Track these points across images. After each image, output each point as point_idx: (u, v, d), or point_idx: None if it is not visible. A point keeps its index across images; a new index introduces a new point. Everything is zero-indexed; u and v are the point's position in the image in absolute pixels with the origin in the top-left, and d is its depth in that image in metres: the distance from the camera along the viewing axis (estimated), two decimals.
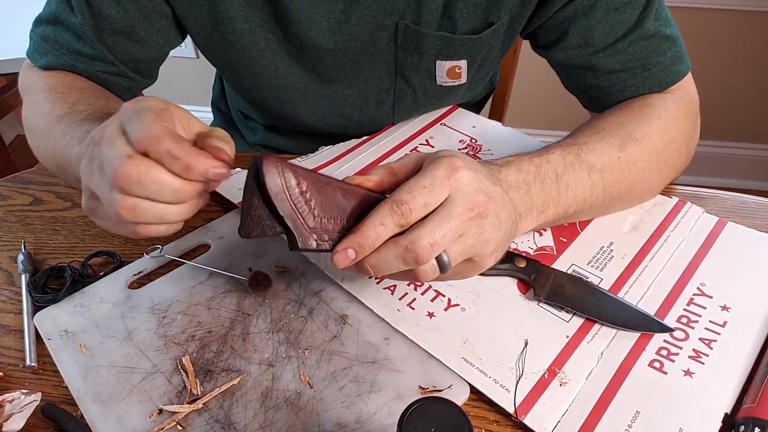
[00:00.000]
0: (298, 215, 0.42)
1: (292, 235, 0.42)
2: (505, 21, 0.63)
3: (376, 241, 0.41)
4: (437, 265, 0.42)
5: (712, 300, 0.52)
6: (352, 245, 0.41)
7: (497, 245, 0.45)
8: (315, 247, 0.42)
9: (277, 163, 0.41)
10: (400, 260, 0.41)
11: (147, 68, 0.68)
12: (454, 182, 0.42)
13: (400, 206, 0.41)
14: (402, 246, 0.41)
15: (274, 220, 0.42)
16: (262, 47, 0.65)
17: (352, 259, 0.42)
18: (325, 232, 0.43)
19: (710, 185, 0.89)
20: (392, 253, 0.41)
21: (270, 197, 0.41)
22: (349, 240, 0.42)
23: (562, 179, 0.52)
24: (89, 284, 0.56)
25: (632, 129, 0.57)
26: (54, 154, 0.58)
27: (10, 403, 0.45)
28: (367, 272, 0.43)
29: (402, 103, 0.73)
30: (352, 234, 0.42)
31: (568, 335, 0.49)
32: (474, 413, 0.46)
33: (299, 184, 0.42)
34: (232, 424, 0.45)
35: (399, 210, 0.41)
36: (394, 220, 0.41)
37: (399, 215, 0.41)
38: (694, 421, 0.43)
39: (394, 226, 0.41)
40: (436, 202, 0.41)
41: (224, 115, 0.98)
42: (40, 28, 0.64)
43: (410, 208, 0.41)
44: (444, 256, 0.42)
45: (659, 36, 0.60)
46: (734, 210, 0.62)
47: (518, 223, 0.49)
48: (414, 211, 0.41)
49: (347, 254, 0.42)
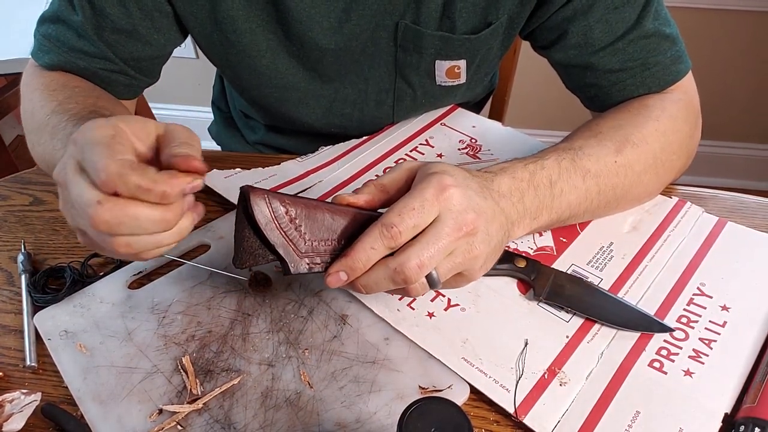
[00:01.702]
0: (289, 242, 0.43)
1: (284, 261, 0.43)
2: (503, 21, 0.63)
3: (366, 263, 0.43)
4: (427, 283, 0.43)
5: (712, 300, 0.52)
6: (343, 268, 0.43)
7: (486, 259, 0.46)
8: (307, 271, 0.44)
9: (263, 194, 0.42)
10: (389, 281, 0.43)
11: (148, 67, 0.68)
12: (443, 202, 0.43)
13: (389, 230, 0.42)
14: (391, 268, 0.42)
15: (266, 249, 0.44)
16: (263, 47, 0.65)
17: (344, 281, 0.43)
18: (317, 255, 0.44)
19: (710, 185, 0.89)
20: (382, 274, 0.43)
21: (260, 228, 0.42)
22: (341, 263, 0.43)
23: (556, 185, 0.52)
24: (89, 284, 0.56)
25: (629, 132, 0.57)
26: (45, 155, 0.58)
27: (10, 403, 0.45)
28: (359, 291, 0.44)
29: (402, 103, 0.73)
30: (344, 257, 0.43)
31: (568, 335, 0.49)
32: (474, 413, 0.46)
33: (288, 212, 0.43)
34: (232, 424, 0.45)
35: (389, 233, 0.42)
36: (384, 243, 0.42)
37: (389, 238, 0.42)
38: (694, 421, 0.43)
39: (384, 249, 0.42)
40: (425, 222, 0.43)
41: (224, 114, 0.98)
42: (43, 26, 0.64)
43: (399, 231, 0.42)
44: (434, 273, 0.43)
45: (659, 35, 0.60)
46: (734, 210, 0.62)
47: (510, 231, 0.50)
48: (403, 234, 0.42)
49: (339, 277, 0.43)
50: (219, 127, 0.99)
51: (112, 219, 0.37)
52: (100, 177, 0.37)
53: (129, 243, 0.40)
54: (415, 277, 0.42)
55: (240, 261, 0.44)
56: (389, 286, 0.43)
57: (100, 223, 0.38)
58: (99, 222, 0.37)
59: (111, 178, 0.36)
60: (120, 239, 0.39)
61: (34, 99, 0.61)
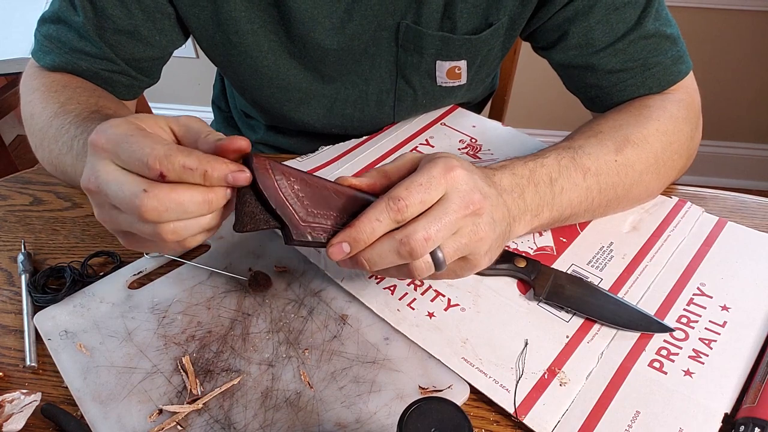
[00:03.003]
0: (291, 209, 0.42)
1: (286, 228, 0.42)
2: (504, 22, 0.63)
3: (371, 235, 0.42)
4: (432, 262, 0.42)
5: (712, 300, 0.52)
6: (347, 239, 0.42)
7: (491, 245, 0.45)
8: (310, 239, 0.42)
9: (266, 162, 0.41)
10: (394, 254, 0.41)
11: (149, 67, 0.68)
12: (450, 180, 0.42)
13: (396, 202, 0.41)
14: (397, 240, 0.41)
15: (268, 215, 0.42)
16: (265, 48, 0.65)
17: (347, 253, 0.42)
18: (319, 226, 0.43)
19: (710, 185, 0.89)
20: (387, 246, 0.42)
21: (263, 193, 0.41)
22: (344, 234, 0.42)
23: (556, 183, 0.52)
24: (89, 284, 0.56)
25: (630, 132, 0.57)
26: (50, 158, 0.58)
27: (10, 403, 0.45)
28: (362, 266, 0.43)
29: (402, 104, 0.73)
30: (348, 228, 0.42)
31: (568, 335, 0.49)
32: (474, 413, 0.46)
33: (290, 181, 0.42)
34: (232, 424, 0.45)
35: (395, 206, 0.41)
36: (390, 215, 0.41)
37: (395, 211, 0.41)
38: (694, 421, 0.43)
39: (390, 222, 0.41)
40: (432, 199, 0.42)
41: (224, 114, 0.98)
42: (44, 27, 0.64)
43: (406, 204, 0.41)
44: (439, 253, 0.42)
45: (659, 35, 0.60)
46: (734, 210, 0.62)
47: (512, 226, 0.49)
48: (410, 208, 0.41)
49: (342, 248, 0.42)
50: (219, 126, 0.99)
51: (160, 205, 0.37)
52: (148, 160, 0.37)
53: (175, 229, 0.39)
54: (421, 250, 0.41)
55: (241, 225, 0.42)
56: (394, 260, 0.42)
57: (148, 211, 0.37)
58: (147, 210, 0.37)
59: (159, 159, 0.37)
60: (167, 226, 0.39)
61: (34, 100, 0.61)
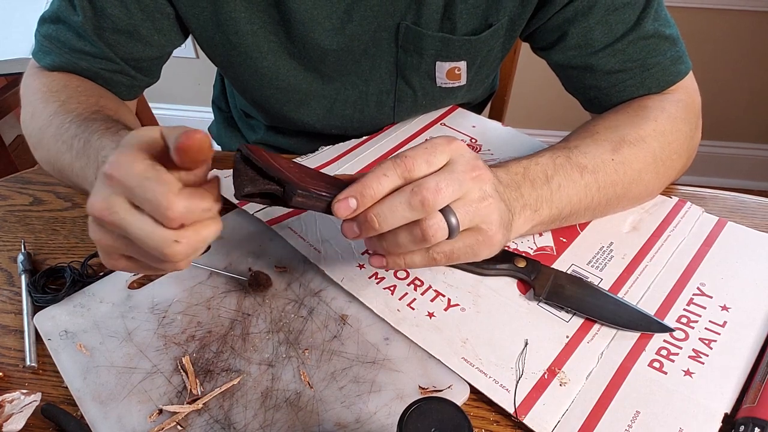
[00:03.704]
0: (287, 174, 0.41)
1: (288, 185, 0.40)
2: (504, 22, 0.63)
3: (378, 190, 0.41)
4: (446, 226, 0.42)
5: (712, 300, 0.52)
6: (354, 194, 0.41)
7: (501, 216, 0.45)
8: (313, 194, 0.41)
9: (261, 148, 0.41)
10: (405, 205, 0.41)
11: (149, 67, 0.68)
12: (453, 148, 0.43)
13: (403, 159, 0.41)
14: (407, 190, 0.41)
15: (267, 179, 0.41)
16: (264, 48, 0.65)
17: (353, 209, 0.41)
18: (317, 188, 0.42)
19: (710, 185, 0.89)
20: (397, 199, 0.41)
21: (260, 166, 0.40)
22: (351, 188, 0.41)
23: (553, 180, 0.52)
24: (89, 284, 0.56)
25: (626, 132, 0.57)
26: (48, 157, 0.58)
27: (10, 403, 0.45)
28: (371, 223, 0.41)
29: (402, 104, 0.73)
30: (355, 184, 0.41)
31: (568, 335, 0.49)
32: (474, 413, 0.46)
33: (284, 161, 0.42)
34: (232, 424, 0.45)
35: (402, 163, 0.41)
36: (397, 171, 0.41)
37: (402, 167, 0.41)
38: (694, 421, 0.43)
39: (397, 178, 0.41)
40: (437, 162, 0.42)
41: (224, 114, 0.98)
42: (44, 27, 0.64)
43: (413, 162, 0.41)
44: (452, 217, 0.42)
45: (658, 36, 0.60)
46: (734, 210, 0.62)
47: (513, 220, 0.49)
48: (417, 166, 0.41)
49: (348, 203, 0.41)
50: (219, 126, 0.99)
51: (190, 249, 0.38)
52: (168, 216, 0.36)
53: (190, 259, 0.40)
54: (433, 199, 0.40)
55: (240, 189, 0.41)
56: (405, 212, 0.41)
57: (177, 254, 0.37)
58: (179, 257, 0.37)
59: (180, 215, 0.36)
60: (186, 261, 0.39)
61: (35, 100, 0.61)
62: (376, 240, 0.44)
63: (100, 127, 0.52)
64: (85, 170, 0.51)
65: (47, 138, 0.57)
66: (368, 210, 0.41)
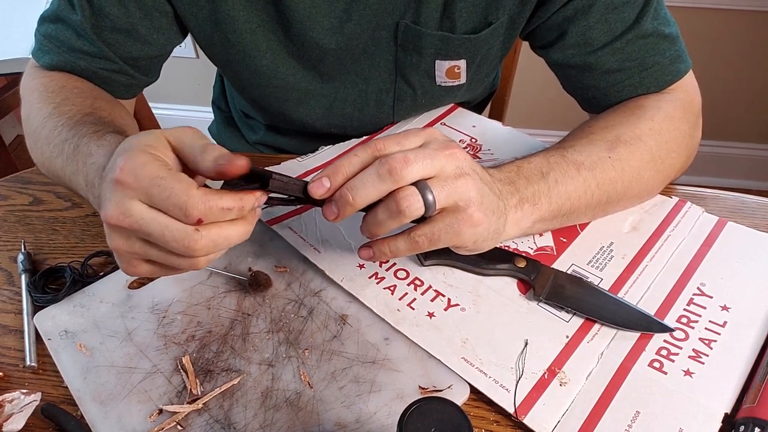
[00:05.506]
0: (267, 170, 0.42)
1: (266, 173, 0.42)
2: (504, 21, 0.63)
3: (349, 169, 0.43)
4: (422, 199, 0.43)
5: (712, 300, 0.52)
6: (325, 174, 0.44)
7: (482, 195, 0.45)
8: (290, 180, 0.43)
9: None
10: (375, 176, 0.42)
11: (148, 66, 0.68)
12: (428, 134, 0.46)
13: (374, 143, 0.43)
14: (377, 162, 0.43)
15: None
16: (263, 47, 0.65)
17: (327, 188, 0.43)
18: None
19: (710, 185, 0.89)
20: (368, 171, 0.43)
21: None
22: (323, 171, 0.44)
23: (549, 176, 0.53)
24: (89, 284, 0.56)
25: (621, 131, 0.57)
26: (42, 160, 0.58)
27: (10, 403, 0.45)
28: (345, 197, 0.43)
29: (402, 103, 0.73)
30: (328, 167, 0.44)
31: (568, 335, 0.49)
32: (474, 413, 0.46)
33: None
34: (232, 424, 0.45)
35: (374, 144, 0.43)
36: (367, 151, 0.43)
37: (373, 147, 0.43)
38: (694, 421, 0.43)
39: (367, 156, 0.43)
40: (409, 144, 0.45)
41: (224, 114, 0.98)
42: (44, 26, 0.64)
43: (384, 143, 0.43)
44: (428, 193, 0.43)
45: (657, 35, 0.60)
46: (734, 210, 0.62)
47: (507, 212, 0.50)
48: (388, 147, 0.43)
49: (322, 182, 0.43)
50: (219, 126, 0.99)
51: (211, 243, 0.39)
52: (186, 209, 0.38)
53: (209, 258, 0.41)
54: (400, 168, 0.42)
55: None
56: (375, 183, 0.42)
57: (200, 249, 0.39)
58: (200, 248, 0.39)
59: (197, 207, 0.38)
60: (206, 258, 0.41)
61: (32, 100, 0.61)
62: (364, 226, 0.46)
63: (88, 131, 0.52)
64: (76, 176, 0.51)
65: (41, 140, 0.57)
66: (343, 187, 0.44)
